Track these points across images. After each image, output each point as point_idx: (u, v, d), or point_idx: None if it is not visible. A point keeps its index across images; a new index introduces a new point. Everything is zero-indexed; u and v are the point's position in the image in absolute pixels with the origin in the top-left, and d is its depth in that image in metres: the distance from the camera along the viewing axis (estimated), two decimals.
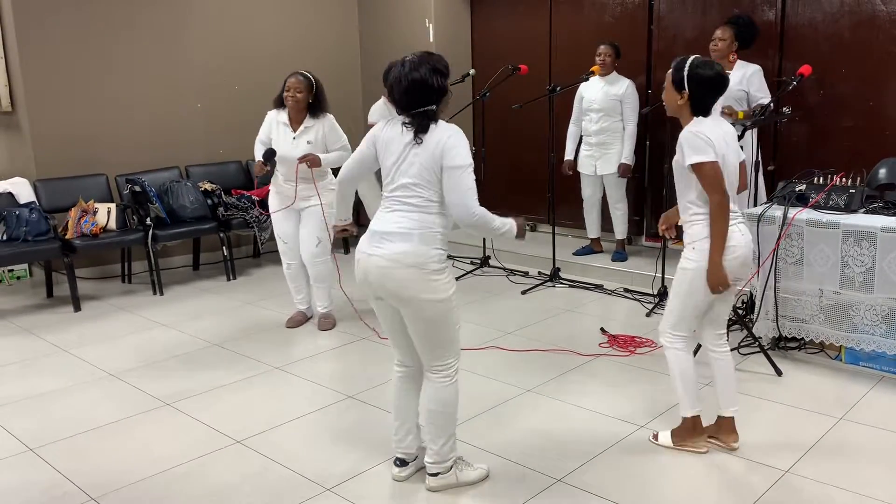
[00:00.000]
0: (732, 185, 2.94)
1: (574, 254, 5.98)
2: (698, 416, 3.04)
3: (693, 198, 2.90)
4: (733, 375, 3.07)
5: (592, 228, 6.01)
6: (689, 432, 3.06)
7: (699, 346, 3.29)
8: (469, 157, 2.63)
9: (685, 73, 2.84)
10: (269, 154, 4.44)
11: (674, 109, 2.95)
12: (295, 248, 4.67)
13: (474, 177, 2.63)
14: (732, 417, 3.07)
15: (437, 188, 2.62)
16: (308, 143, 4.45)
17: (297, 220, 4.63)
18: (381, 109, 5.17)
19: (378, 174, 2.87)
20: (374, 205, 4.71)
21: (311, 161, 4.39)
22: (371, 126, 3.31)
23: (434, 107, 2.65)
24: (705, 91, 2.86)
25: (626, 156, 5.58)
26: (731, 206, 2.88)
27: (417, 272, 2.58)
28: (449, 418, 2.79)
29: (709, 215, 2.85)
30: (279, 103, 4.50)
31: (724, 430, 3.07)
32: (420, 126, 2.63)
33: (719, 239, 2.83)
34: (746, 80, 4.93)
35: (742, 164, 3.04)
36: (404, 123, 2.66)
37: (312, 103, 4.47)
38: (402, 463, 2.94)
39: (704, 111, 2.89)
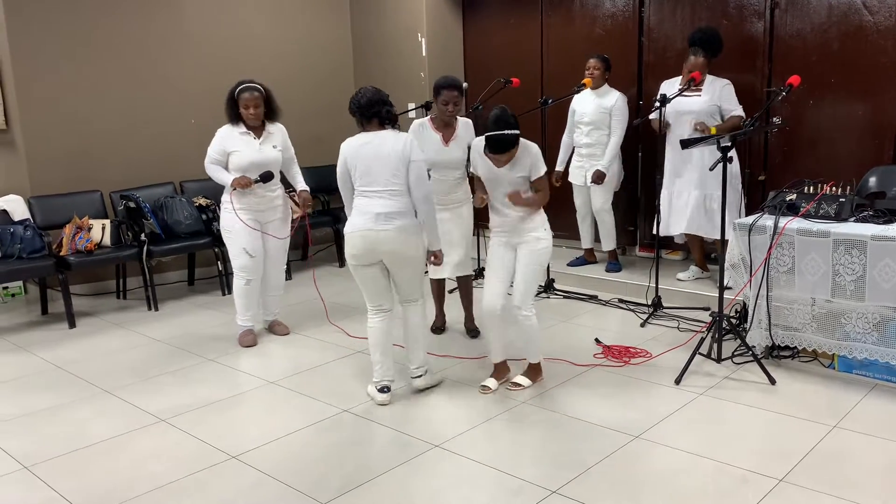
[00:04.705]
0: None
1: (568, 265, 6.00)
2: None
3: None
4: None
5: (586, 239, 6.02)
6: (539, 372, 3.94)
7: None
8: None
9: (515, 129, 3.52)
10: (268, 176, 4.55)
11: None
12: (261, 262, 4.67)
13: None
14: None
15: (405, 177, 3.57)
16: (274, 147, 4.61)
17: (261, 232, 4.66)
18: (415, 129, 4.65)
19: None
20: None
21: (309, 204, 4.84)
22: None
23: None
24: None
25: (603, 164, 5.58)
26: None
27: (415, 237, 3.62)
28: (426, 330, 3.97)
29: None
30: (235, 118, 4.52)
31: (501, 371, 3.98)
32: (393, 122, 3.63)
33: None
34: (717, 96, 4.98)
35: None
36: (392, 126, 3.63)
37: (266, 111, 4.57)
38: (388, 389, 3.74)
39: None
